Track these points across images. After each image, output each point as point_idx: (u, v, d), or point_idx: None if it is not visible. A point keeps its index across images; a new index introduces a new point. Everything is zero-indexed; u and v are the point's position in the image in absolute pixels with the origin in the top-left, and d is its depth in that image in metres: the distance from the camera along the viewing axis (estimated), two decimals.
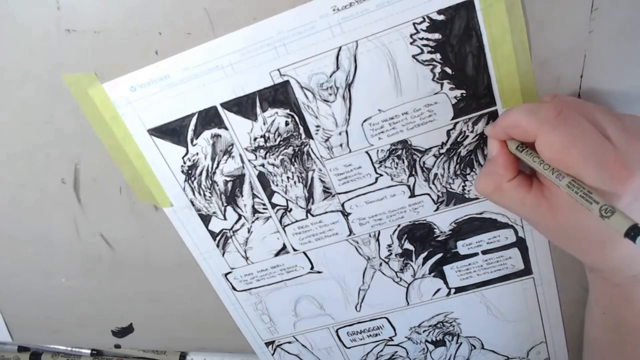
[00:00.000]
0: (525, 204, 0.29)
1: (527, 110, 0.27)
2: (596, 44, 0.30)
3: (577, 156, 0.25)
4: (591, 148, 0.25)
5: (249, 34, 0.31)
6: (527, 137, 0.27)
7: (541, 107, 0.27)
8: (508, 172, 0.29)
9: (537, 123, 0.26)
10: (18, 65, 0.34)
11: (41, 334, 0.52)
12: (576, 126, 0.26)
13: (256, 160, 0.36)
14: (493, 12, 0.29)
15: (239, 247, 0.40)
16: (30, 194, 0.40)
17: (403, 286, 0.41)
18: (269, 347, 0.47)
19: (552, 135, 0.26)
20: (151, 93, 0.33)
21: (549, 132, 0.26)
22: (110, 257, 0.43)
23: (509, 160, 0.30)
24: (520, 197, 0.29)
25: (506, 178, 0.29)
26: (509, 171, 0.29)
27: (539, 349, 0.44)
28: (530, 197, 0.29)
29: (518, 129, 0.28)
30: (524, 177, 0.30)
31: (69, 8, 0.31)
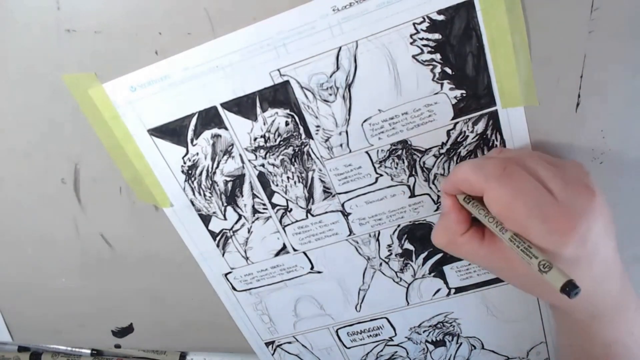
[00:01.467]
0: (479, 255, 0.30)
1: (474, 166, 0.29)
2: (596, 44, 0.30)
3: (521, 210, 0.26)
4: (535, 202, 0.26)
5: (249, 34, 0.31)
6: (475, 191, 0.29)
7: (487, 162, 0.29)
8: (460, 226, 0.31)
9: (483, 178, 0.28)
10: (18, 65, 0.34)
11: (41, 334, 0.52)
12: (520, 181, 0.27)
13: (256, 160, 0.36)
14: (493, 12, 0.29)
15: (239, 247, 0.40)
16: (30, 194, 0.40)
17: (403, 286, 0.41)
18: (269, 347, 0.47)
19: (497, 190, 0.27)
20: (151, 93, 0.33)
21: (495, 188, 0.27)
22: (110, 257, 0.43)
23: (460, 215, 0.31)
24: (474, 248, 0.30)
25: (459, 232, 0.31)
26: (461, 225, 0.31)
27: (539, 349, 0.44)
28: (484, 248, 0.30)
29: (466, 183, 0.29)
30: (476, 230, 0.31)
31: (69, 8, 0.31)
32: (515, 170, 0.28)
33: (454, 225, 0.31)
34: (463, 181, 0.29)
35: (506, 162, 0.28)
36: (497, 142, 0.34)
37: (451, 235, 0.31)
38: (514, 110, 0.32)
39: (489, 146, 0.34)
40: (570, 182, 0.27)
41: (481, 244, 0.30)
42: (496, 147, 0.34)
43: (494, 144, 0.34)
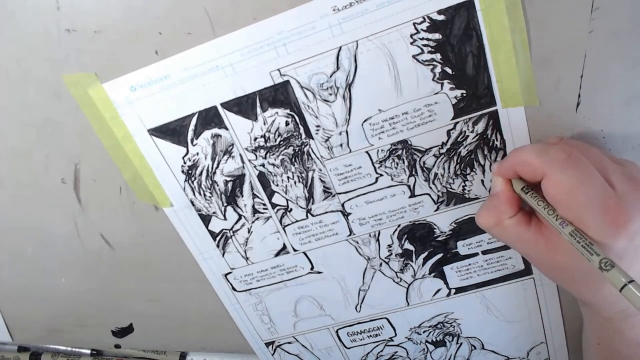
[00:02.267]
0: (524, 240, 0.30)
1: (537, 150, 0.29)
2: (596, 44, 0.30)
3: (581, 199, 0.26)
4: (595, 192, 0.26)
5: (249, 34, 0.31)
6: (535, 175, 0.28)
7: (550, 148, 0.28)
8: (510, 209, 0.30)
9: (546, 163, 0.28)
10: (18, 65, 0.34)
11: (41, 334, 0.52)
12: (584, 170, 0.27)
13: (256, 160, 0.36)
14: (493, 12, 0.29)
15: (239, 247, 0.40)
16: (30, 193, 0.40)
17: (403, 286, 0.41)
18: (269, 348, 0.47)
19: (560, 175, 0.27)
20: (151, 93, 0.33)
21: (558, 173, 0.27)
22: (110, 257, 0.43)
23: (512, 198, 0.31)
24: (520, 233, 0.30)
25: (508, 215, 0.30)
26: (512, 208, 0.30)
27: (539, 349, 0.44)
28: (529, 234, 0.30)
29: (528, 167, 0.29)
30: (524, 214, 0.31)
31: (69, 8, 0.31)
32: (579, 158, 0.27)
33: (505, 206, 0.30)
34: (523, 163, 0.29)
35: (571, 149, 0.28)
36: (497, 142, 0.34)
37: (499, 217, 0.31)
38: (514, 110, 0.32)
39: (489, 146, 0.34)
40: (631, 177, 0.28)
41: (527, 228, 0.30)
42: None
43: (494, 144, 0.34)
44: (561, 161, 0.27)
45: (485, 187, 0.36)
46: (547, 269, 0.32)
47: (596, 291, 0.29)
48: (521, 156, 0.29)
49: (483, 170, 0.35)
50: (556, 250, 0.29)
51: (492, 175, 0.32)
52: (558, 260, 0.29)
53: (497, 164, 0.31)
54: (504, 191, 0.31)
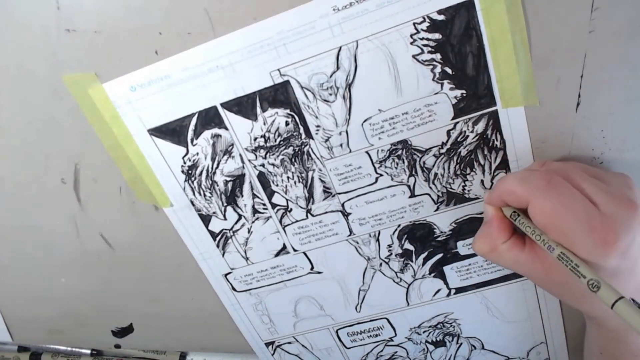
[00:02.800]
0: (520, 262, 0.31)
1: (519, 178, 0.30)
2: (596, 44, 0.30)
3: (566, 222, 0.27)
4: (579, 214, 0.27)
5: (249, 34, 0.31)
6: (521, 203, 0.29)
7: (532, 175, 0.30)
8: (503, 234, 0.32)
9: (529, 190, 0.29)
10: (18, 65, 0.34)
11: (41, 334, 0.52)
12: (565, 194, 0.28)
13: (256, 160, 0.36)
14: (493, 12, 0.29)
15: (239, 247, 0.40)
16: (30, 194, 0.40)
17: (403, 286, 0.41)
18: (269, 348, 0.47)
19: (542, 202, 0.28)
20: (151, 93, 0.33)
21: (540, 200, 0.28)
22: (110, 257, 0.43)
23: (503, 224, 0.32)
24: (515, 256, 0.31)
25: (501, 240, 0.32)
26: (504, 234, 0.32)
27: (539, 349, 0.44)
28: (524, 256, 0.31)
29: (512, 195, 0.30)
30: (518, 238, 0.32)
31: (69, 8, 0.31)
32: (560, 182, 0.28)
33: (497, 233, 0.32)
34: (508, 193, 0.30)
35: (551, 175, 0.29)
36: (497, 142, 0.34)
37: (493, 243, 0.32)
38: (514, 110, 0.32)
39: (489, 146, 0.34)
40: (614, 195, 0.28)
41: (522, 251, 0.31)
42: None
43: (494, 144, 0.34)
44: (542, 188, 0.28)
45: (486, 188, 0.36)
46: (547, 287, 0.32)
47: (598, 305, 0.30)
48: (505, 186, 0.30)
49: (483, 170, 0.35)
50: (552, 270, 0.30)
51: (483, 203, 0.33)
52: (555, 279, 0.30)
53: (487, 194, 0.33)
54: (495, 218, 0.32)
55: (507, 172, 0.35)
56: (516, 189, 0.29)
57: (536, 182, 0.29)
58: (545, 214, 0.28)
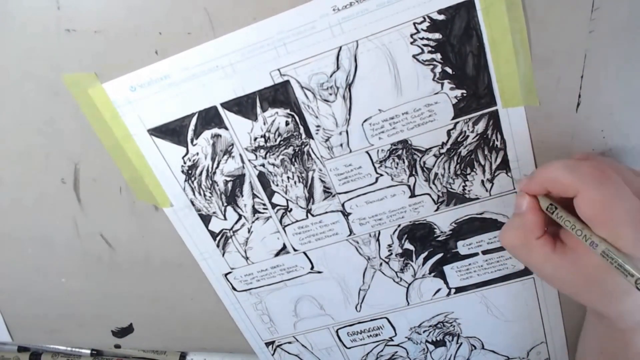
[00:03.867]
0: (548, 261, 0.30)
1: (569, 166, 0.28)
2: (596, 44, 0.30)
3: (616, 216, 0.26)
4: (629, 208, 0.27)
5: (249, 34, 0.31)
6: (567, 193, 0.28)
7: (582, 164, 0.28)
8: (538, 228, 0.30)
9: (579, 180, 0.27)
10: (18, 65, 0.34)
11: (41, 334, 0.52)
12: (617, 186, 0.27)
13: (256, 160, 0.36)
14: (493, 12, 0.29)
15: (239, 247, 0.40)
16: (30, 194, 0.40)
17: (403, 286, 0.41)
18: (269, 347, 0.47)
19: (594, 192, 0.27)
20: (151, 93, 0.33)
21: (592, 190, 0.27)
22: (110, 257, 0.43)
23: (540, 218, 0.30)
24: (545, 255, 0.30)
25: (535, 235, 0.30)
26: (540, 228, 0.30)
27: (539, 349, 0.44)
28: (554, 256, 0.29)
29: (558, 184, 0.28)
30: (549, 236, 0.30)
31: (69, 8, 0.31)
32: (611, 174, 0.27)
33: (533, 226, 0.30)
34: (553, 181, 0.29)
35: (604, 166, 0.28)
36: (497, 142, 0.34)
37: (527, 237, 0.30)
38: (515, 110, 0.32)
39: (489, 146, 0.34)
40: None
41: (553, 250, 0.30)
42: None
43: (494, 144, 0.34)
44: (595, 178, 0.27)
45: (486, 188, 0.36)
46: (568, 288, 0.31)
47: (618, 304, 0.29)
48: (551, 173, 0.29)
49: (483, 170, 0.35)
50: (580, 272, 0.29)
51: (518, 192, 0.31)
52: (581, 281, 0.29)
53: (524, 181, 0.31)
54: (532, 210, 0.30)
55: (507, 172, 0.35)
56: (564, 177, 0.28)
57: (588, 171, 0.27)
58: (596, 205, 0.27)
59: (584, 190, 0.27)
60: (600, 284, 0.29)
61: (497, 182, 0.35)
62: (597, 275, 0.28)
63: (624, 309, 0.30)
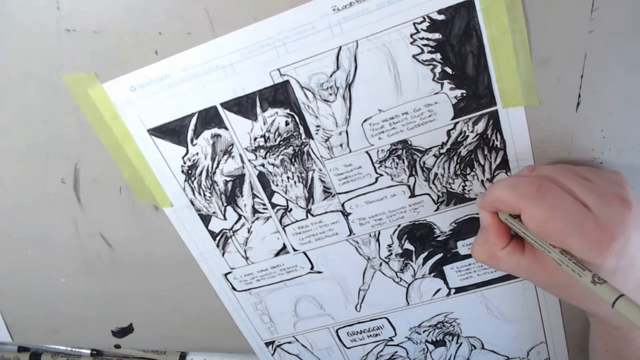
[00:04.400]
0: (521, 267, 0.31)
1: (508, 186, 0.29)
2: (596, 44, 0.30)
3: (558, 228, 0.27)
4: (571, 218, 0.27)
5: (249, 34, 0.31)
6: (513, 210, 0.30)
7: (521, 181, 0.29)
8: (501, 240, 0.31)
9: (518, 199, 0.29)
10: (18, 65, 0.34)
11: (41, 334, 0.52)
12: (555, 198, 0.28)
13: (256, 160, 0.36)
14: (493, 11, 0.29)
15: (239, 247, 0.40)
16: (30, 194, 0.40)
17: (403, 286, 0.41)
18: (269, 347, 0.47)
19: (533, 209, 0.28)
20: (151, 93, 0.33)
21: (530, 207, 0.28)
22: (110, 257, 0.43)
23: (500, 229, 0.31)
24: (515, 262, 0.31)
25: (499, 246, 0.31)
26: (501, 239, 0.31)
27: (539, 349, 0.44)
28: (524, 261, 0.31)
29: (503, 204, 0.30)
30: (517, 243, 0.31)
31: (69, 8, 0.31)
32: (549, 187, 0.28)
33: (494, 239, 0.31)
34: (499, 201, 0.30)
35: (540, 180, 0.29)
36: (497, 142, 0.34)
37: (492, 250, 0.31)
38: (514, 110, 0.32)
39: (489, 146, 0.34)
40: (605, 194, 0.28)
41: (522, 256, 0.31)
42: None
43: (494, 144, 0.34)
44: (532, 195, 0.28)
45: (485, 188, 0.36)
46: (550, 289, 0.32)
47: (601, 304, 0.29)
48: (495, 194, 0.30)
49: (483, 170, 0.35)
50: (554, 273, 0.29)
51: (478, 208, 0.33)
52: (557, 281, 0.30)
53: (479, 199, 0.32)
54: (492, 224, 0.32)
55: (507, 172, 0.35)
56: (506, 197, 0.29)
57: (525, 189, 0.28)
58: (537, 220, 0.28)
59: (524, 207, 0.28)
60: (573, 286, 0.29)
61: None
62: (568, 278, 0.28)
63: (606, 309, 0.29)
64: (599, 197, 0.28)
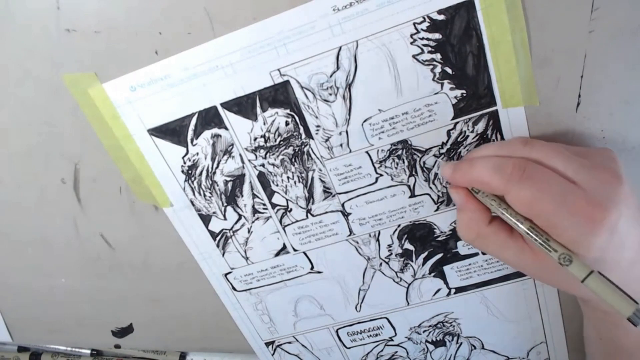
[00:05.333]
0: (509, 247, 0.30)
1: (493, 168, 0.28)
2: (596, 44, 0.30)
3: (547, 208, 0.26)
4: (560, 197, 0.26)
5: (249, 34, 0.31)
6: (496, 192, 0.28)
7: (506, 163, 0.28)
8: (484, 215, 0.30)
9: (504, 182, 0.27)
10: (18, 65, 0.34)
11: (41, 334, 0.52)
12: (542, 180, 0.27)
13: (256, 160, 0.36)
14: (493, 11, 0.29)
15: (239, 247, 0.40)
16: (30, 194, 0.40)
17: (403, 286, 0.41)
18: (269, 347, 0.47)
19: (520, 192, 0.27)
20: (151, 93, 0.33)
21: (516, 190, 0.27)
22: (110, 257, 0.43)
23: (480, 204, 0.30)
24: (502, 241, 0.30)
25: (484, 221, 0.30)
26: (484, 214, 0.30)
27: (539, 349, 0.44)
28: (513, 241, 0.30)
29: (485, 185, 0.29)
30: (502, 224, 0.30)
31: (69, 8, 0.31)
32: (536, 170, 0.27)
33: (477, 214, 0.30)
34: (481, 183, 0.29)
35: (526, 163, 0.27)
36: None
37: (477, 227, 0.30)
38: (515, 110, 0.32)
39: None
40: (596, 170, 0.27)
41: (509, 236, 0.30)
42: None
43: None
44: (518, 179, 0.27)
45: None
46: (538, 274, 0.31)
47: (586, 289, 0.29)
48: (476, 174, 0.29)
49: None
50: (540, 255, 0.29)
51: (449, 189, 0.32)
52: (547, 264, 0.29)
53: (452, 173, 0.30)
54: (469, 199, 0.30)
55: None
56: (490, 179, 0.28)
57: (510, 172, 0.27)
58: (524, 203, 0.27)
59: (510, 190, 0.27)
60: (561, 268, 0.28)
61: None
62: None
63: None
64: (591, 172, 0.27)
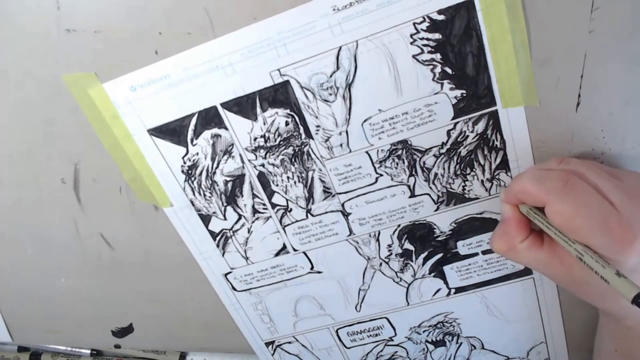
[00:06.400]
0: (539, 261, 0.31)
1: (535, 178, 0.29)
2: (596, 44, 0.30)
3: (583, 224, 0.27)
4: (597, 215, 0.27)
5: (249, 34, 0.31)
6: (537, 203, 0.29)
7: (548, 175, 0.29)
8: (520, 233, 0.31)
9: (545, 192, 0.28)
10: (18, 65, 0.34)
11: (41, 334, 0.52)
12: (582, 194, 0.27)
13: (256, 160, 0.36)
14: (493, 12, 0.29)
15: (239, 247, 0.40)
16: (30, 194, 0.40)
17: (403, 286, 0.41)
18: (269, 347, 0.47)
19: (559, 205, 0.28)
20: (151, 93, 0.33)
21: (557, 202, 0.28)
22: (110, 257, 0.43)
23: (520, 223, 0.31)
24: (533, 255, 0.31)
25: (519, 239, 0.31)
26: (521, 233, 0.31)
27: (539, 349, 0.44)
28: (543, 254, 0.31)
29: (528, 195, 0.30)
30: (536, 236, 0.31)
31: (69, 8, 0.31)
32: (577, 183, 0.28)
33: (514, 232, 0.31)
34: (524, 193, 0.30)
35: (568, 175, 0.28)
36: (497, 142, 0.34)
37: (511, 242, 0.31)
38: (514, 110, 0.32)
39: (489, 146, 0.34)
40: (631, 193, 0.28)
41: (540, 250, 0.31)
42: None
43: (494, 144, 0.34)
44: (559, 189, 0.28)
45: (485, 188, 0.36)
46: (567, 285, 0.32)
47: (617, 302, 0.29)
48: (521, 185, 0.30)
49: (483, 170, 0.35)
50: (572, 268, 0.29)
51: (500, 201, 0.33)
52: (575, 276, 0.29)
53: (503, 192, 0.32)
54: (512, 216, 0.32)
55: (507, 172, 0.35)
56: (532, 189, 0.29)
57: (552, 183, 0.28)
58: (562, 216, 0.28)
59: (550, 202, 0.28)
60: (590, 283, 0.29)
61: (496, 182, 0.35)
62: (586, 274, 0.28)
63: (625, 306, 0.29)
64: (625, 195, 0.27)
